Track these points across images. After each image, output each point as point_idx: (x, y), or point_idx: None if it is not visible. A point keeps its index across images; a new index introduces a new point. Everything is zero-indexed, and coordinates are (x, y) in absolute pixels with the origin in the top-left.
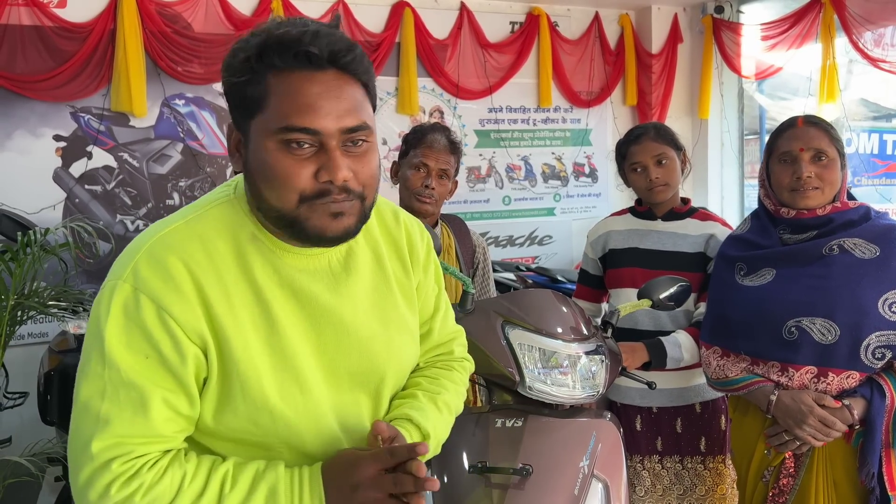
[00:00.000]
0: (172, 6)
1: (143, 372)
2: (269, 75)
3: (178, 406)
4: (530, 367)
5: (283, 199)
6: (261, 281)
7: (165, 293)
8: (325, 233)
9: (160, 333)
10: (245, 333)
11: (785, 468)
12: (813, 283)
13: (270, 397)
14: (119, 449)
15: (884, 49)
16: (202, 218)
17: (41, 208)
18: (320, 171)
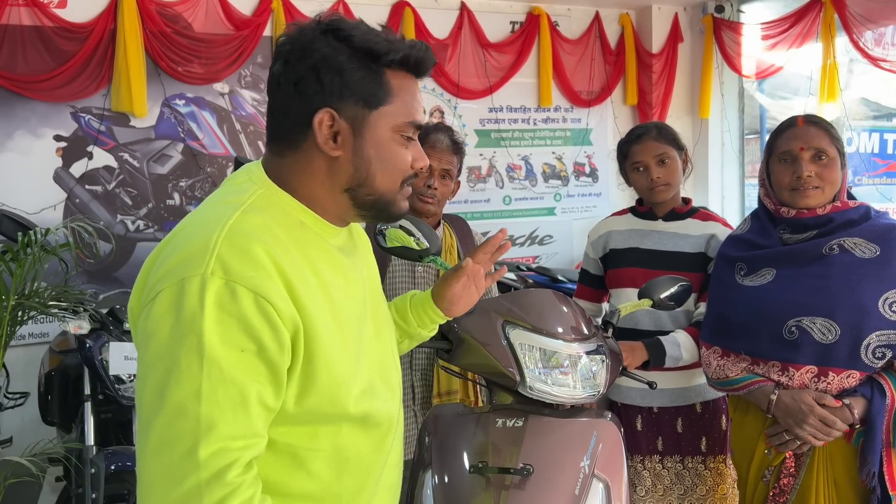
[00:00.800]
0: (173, 6)
1: (241, 367)
2: (387, 73)
3: (267, 399)
4: (531, 367)
5: (392, 183)
6: (318, 263)
7: (261, 281)
8: (403, 210)
9: (261, 323)
10: (323, 312)
11: (785, 468)
12: (813, 282)
13: (346, 372)
14: (228, 456)
15: (884, 48)
16: (253, 209)
17: (42, 208)
18: (415, 159)
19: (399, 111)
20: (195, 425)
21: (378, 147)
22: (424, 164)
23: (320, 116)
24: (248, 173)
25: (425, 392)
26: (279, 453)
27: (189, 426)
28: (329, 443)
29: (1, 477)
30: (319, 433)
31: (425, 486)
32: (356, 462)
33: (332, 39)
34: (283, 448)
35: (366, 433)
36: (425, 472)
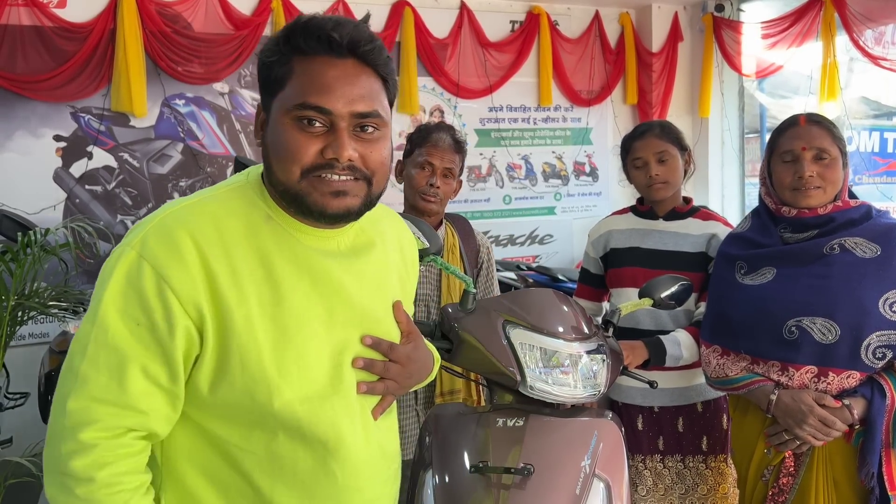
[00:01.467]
0: (172, 6)
1: (129, 339)
2: (295, 58)
3: (157, 376)
4: (531, 367)
5: (287, 172)
6: (273, 258)
7: (168, 263)
8: (326, 209)
9: (155, 302)
10: (248, 307)
11: (785, 467)
12: (813, 282)
13: (269, 370)
14: (88, 414)
15: (884, 47)
16: (216, 198)
17: (41, 208)
18: (327, 148)
19: (291, 93)
20: (74, 377)
21: (273, 133)
22: (335, 153)
23: (257, 108)
24: (249, 169)
25: (428, 392)
26: (212, 443)
27: (70, 376)
28: (262, 447)
29: (1, 477)
30: (253, 435)
31: (426, 486)
32: (292, 476)
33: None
34: (214, 439)
35: (307, 448)
36: (426, 471)
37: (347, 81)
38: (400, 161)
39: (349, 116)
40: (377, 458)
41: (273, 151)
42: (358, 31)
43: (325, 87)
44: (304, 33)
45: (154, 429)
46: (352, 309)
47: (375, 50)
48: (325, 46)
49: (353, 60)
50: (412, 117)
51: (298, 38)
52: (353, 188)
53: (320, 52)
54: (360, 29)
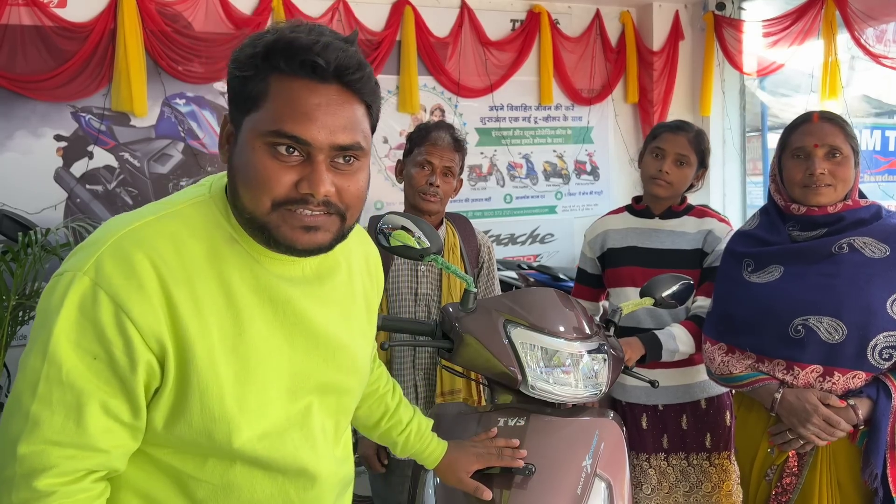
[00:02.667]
0: (173, 5)
1: (87, 374)
2: (272, 77)
3: (119, 413)
4: (532, 366)
5: (256, 202)
6: (235, 285)
7: (127, 292)
8: (296, 244)
9: (114, 334)
10: (210, 339)
11: (788, 467)
12: (821, 281)
13: (229, 409)
14: (43, 460)
15: (886, 45)
16: (176, 216)
17: (42, 208)
18: (302, 181)
19: (265, 116)
20: (23, 419)
21: (242, 155)
22: (312, 189)
23: (223, 119)
24: (212, 179)
25: (428, 392)
26: (162, 472)
27: (20, 419)
28: (219, 477)
29: None
30: (207, 465)
31: (427, 486)
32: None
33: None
34: (165, 468)
35: (265, 476)
36: (426, 471)
37: (329, 111)
38: (400, 160)
39: (328, 149)
40: (336, 483)
41: (241, 176)
42: (346, 56)
43: (304, 116)
44: (285, 54)
45: (115, 466)
46: (315, 337)
47: (363, 79)
48: (309, 70)
49: (338, 86)
50: (413, 116)
51: (279, 58)
52: (326, 223)
53: (302, 75)
54: (348, 54)
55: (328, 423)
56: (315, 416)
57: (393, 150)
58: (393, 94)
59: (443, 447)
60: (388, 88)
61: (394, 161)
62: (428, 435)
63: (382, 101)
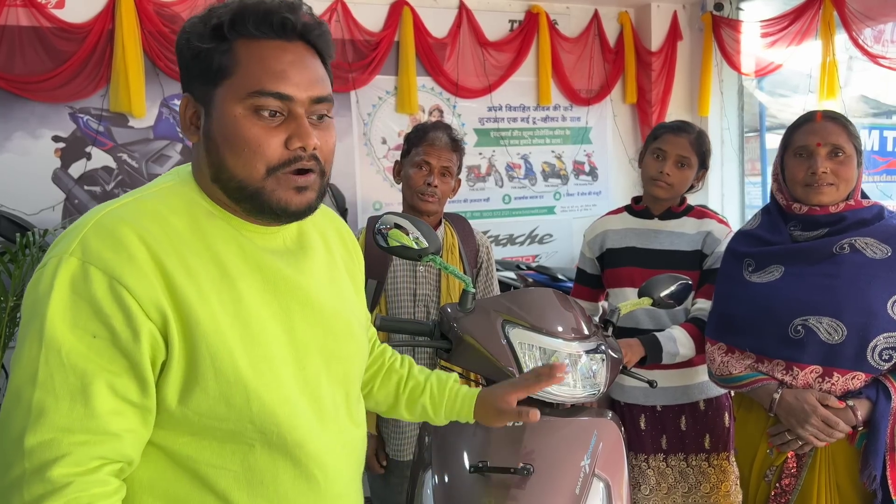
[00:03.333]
0: (171, 6)
1: (88, 354)
2: (239, 43)
3: (126, 392)
4: (531, 366)
5: (250, 168)
6: (223, 255)
7: (118, 264)
8: (290, 206)
9: (111, 307)
10: (211, 305)
11: (787, 468)
12: (822, 281)
13: (244, 371)
14: (55, 449)
15: (884, 45)
16: (153, 196)
17: (40, 209)
18: (291, 138)
19: (242, 81)
20: (26, 412)
21: (223, 125)
22: (303, 142)
23: (182, 102)
24: (177, 168)
25: None
26: (179, 466)
27: (21, 412)
28: (238, 462)
29: None
30: (226, 450)
31: (425, 486)
32: (273, 489)
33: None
34: (182, 461)
35: (286, 457)
36: (425, 471)
37: (302, 66)
38: (398, 161)
39: (308, 102)
40: (351, 462)
41: (227, 146)
42: (308, 15)
43: (281, 73)
44: (255, 17)
45: (129, 454)
46: (309, 307)
47: (324, 35)
48: (279, 29)
49: (303, 44)
50: (411, 117)
51: (248, 23)
52: (312, 182)
53: (271, 37)
54: (308, 13)
55: (338, 394)
56: (325, 388)
57: (391, 151)
58: (391, 94)
59: (474, 391)
60: (386, 89)
61: (392, 162)
62: (452, 385)
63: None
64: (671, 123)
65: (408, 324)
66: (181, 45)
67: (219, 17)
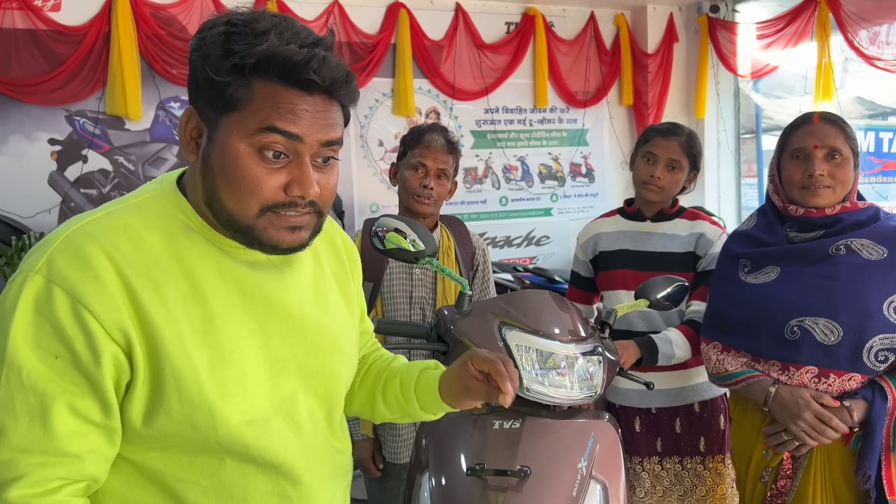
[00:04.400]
0: (167, 9)
1: (49, 375)
2: (257, 82)
3: (88, 413)
4: (528, 369)
5: (243, 205)
6: (198, 272)
7: (82, 284)
8: (281, 244)
9: (73, 329)
10: (179, 326)
11: (783, 469)
12: (818, 282)
13: (209, 394)
14: (12, 470)
15: (879, 47)
16: (128, 209)
17: (36, 212)
18: (291, 184)
19: (250, 118)
20: None
21: (224, 157)
22: (303, 191)
23: (185, 113)
24: (162, 177)
25: None
26: (148, 479)
27: None
28: (208, 477)
29: None
30: (196, 464)
31: (422, 489)
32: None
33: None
34: (151, 474)
35: (258, 472)
36: (422, 474)
37: (317, 116)
38: (394, 163)
39: (316, 145)
40: (332, 479)
41: (223, 178)
42: (337, 68)
43: (295, 116)
44: (281, 69)
45: (92, 473)
46: (289, 322)
47: (350, 92)
48: (305, 84)
49: (325, 96)
50: (408, 119)
51: (272, 71)
52: (307, 222)
53: (292, 87)
54: (340, 68)
55: (318, 410)
56: (301, 404)
57: (388, 153)
58: (388, 97)
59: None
60: (382, 91)
61: (389, 164)
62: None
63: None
64: (661, 126)
65: (404, 326)
66: (194, 62)
67: (241, 57)
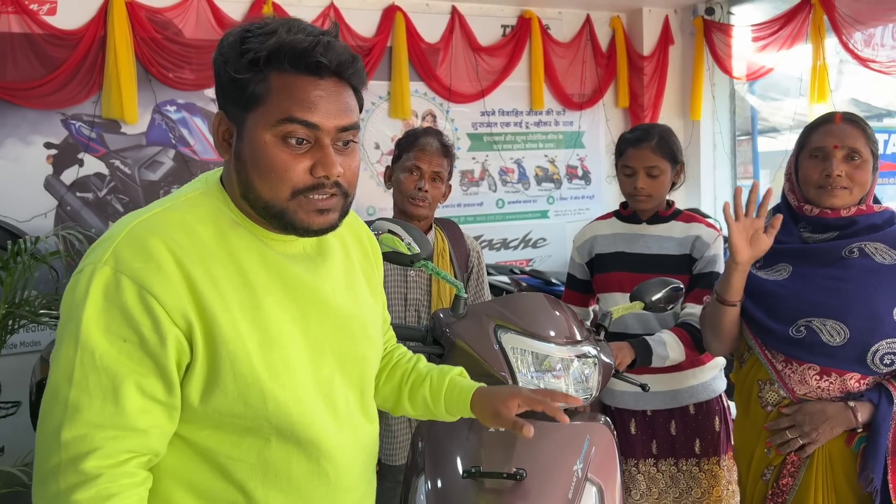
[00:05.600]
0: (163, 12)
1: (119, 357)
2: (273, 75)
3: (153, 392)
4: (523, 371)
5: (276, 191)
6: (246, 264)
7: (147, 274)
8: (312, 226)
9: (141, 315)
10: (232, 312)
11: (786, 468)
12: (829, 284)
13: (260, 374)
14: (88, 443)
15: (874, 49)
16: (180, 206)
17: (32, 216)
18: (315, 166)
19: (272, 110)
20: (63, 408)
21: (253, 150)
22: (326, 171)
23: (216, 117)
24: (205, 175)
25: None
26: (200, 456)
27: (59, 408)
28: (255, 455)
29: None
30: (244, 443)
31: (418, 492)
32: (286, 481)
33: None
34: (203, 452)
35: (300, 452)
36: (418, 477)
37: (331, 100)
38: (388, 167)
39: (334, 131)
40: (363, 458)
41: (255, 169)
42: (343, 52)
43: (310, 104)
44: (291, 57)
45: (155, 447)
46: (325, 310)
47: (358, 72)
48: (313, 70)
49: (336, 79)
50: (404, 122)
51: (283, 61)
52: (335, 204)
53: (304, 73)
54: (343, 50)
55: (351, 392)
56: (338, 387)
57: (385, 156)
58: (384, 100)
59: (473, 385)
60: (379, 94)
61: (385, 167)
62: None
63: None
64: (630, 136)
65: (400, 329)
66: (218, 66)
67: (255, 52)
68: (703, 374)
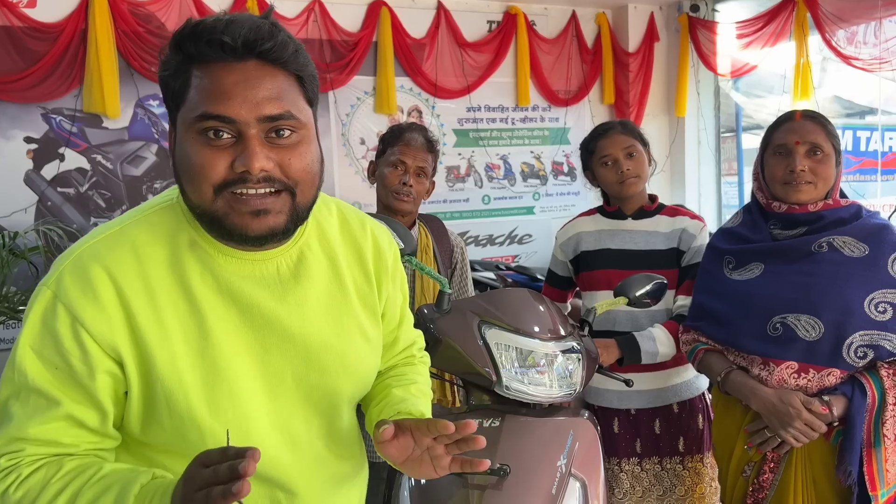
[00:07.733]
0: (145, 6)
1: (52, 381)
2: (192, 68)
3: (85, 419)
4: (507, 367)
5: (200, 192)
6: (196, 289)
7: (82, 304)
8: (247, 231)
9: (71, 344)
10: (172, 346)
11: (766, 464)
12: (800, 279)
13: (197, 411)
14: (12, 446)
15: (856, 47)
16: (140, 223)
17: (12, 211)
18: (236, 160)
19: (189, 106)
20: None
21: (179, 151)
22: (246, 166)
23: (170, 127)
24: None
25: None
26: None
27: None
28: None
29: None
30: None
31: (402, 488)
32: None
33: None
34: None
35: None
36: (402, 473)
37: (249, 85)
38: (373, 161)
39: (256, 122)
40: (331, 483)
41: (182, 171)
42: (257, 29)
43: (223, 94)
44: (193, 39)
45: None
46: (289, 338)
47: (278, 47)
48: (219, 50)
49: (255, 62)
50: (390, 118)
51: (189, 46)
52: (275, 204)
53: (216, 58)
54: (259, 26)
55: (317, 422)
56: (298, 419)
57: (370, 152)
58: (370, 95)
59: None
60: (364, 90)
61: (370, 162)
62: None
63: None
64: (597, 131)
65: None
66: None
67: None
68: (686, 373)
